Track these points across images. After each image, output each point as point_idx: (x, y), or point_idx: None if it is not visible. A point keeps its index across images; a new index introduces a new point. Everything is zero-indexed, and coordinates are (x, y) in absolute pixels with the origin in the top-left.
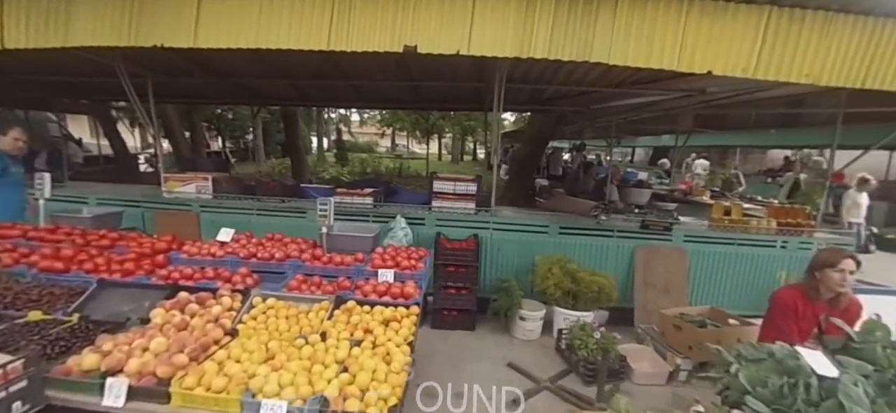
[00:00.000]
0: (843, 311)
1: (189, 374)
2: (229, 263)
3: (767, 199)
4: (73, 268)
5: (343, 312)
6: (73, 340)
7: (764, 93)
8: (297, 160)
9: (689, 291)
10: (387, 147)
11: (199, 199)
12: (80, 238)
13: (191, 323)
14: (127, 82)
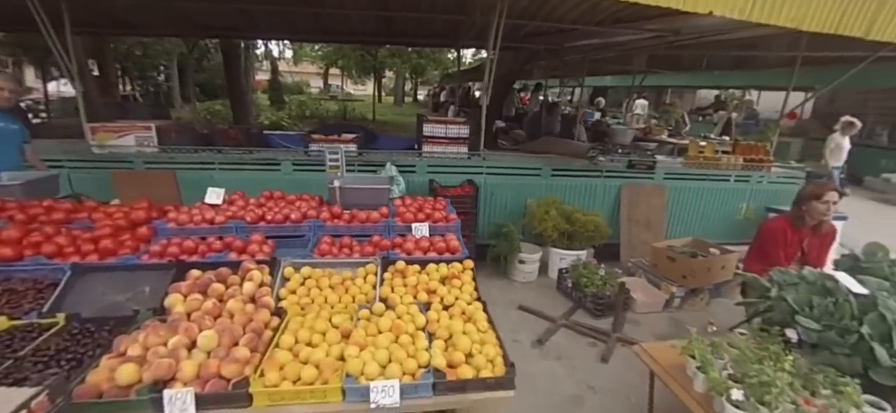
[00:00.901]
0: (824, 236)
1: (265, 368)
2: (234, 229)
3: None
4: (26, 253)
5: (394, 274)
6: (79, 350)
7: (724, 35)
8: (240, 105)
9: (667, 225)
10: (319, 87)
11: (142, 153)
12: (20, 213)
13: (226, 307)
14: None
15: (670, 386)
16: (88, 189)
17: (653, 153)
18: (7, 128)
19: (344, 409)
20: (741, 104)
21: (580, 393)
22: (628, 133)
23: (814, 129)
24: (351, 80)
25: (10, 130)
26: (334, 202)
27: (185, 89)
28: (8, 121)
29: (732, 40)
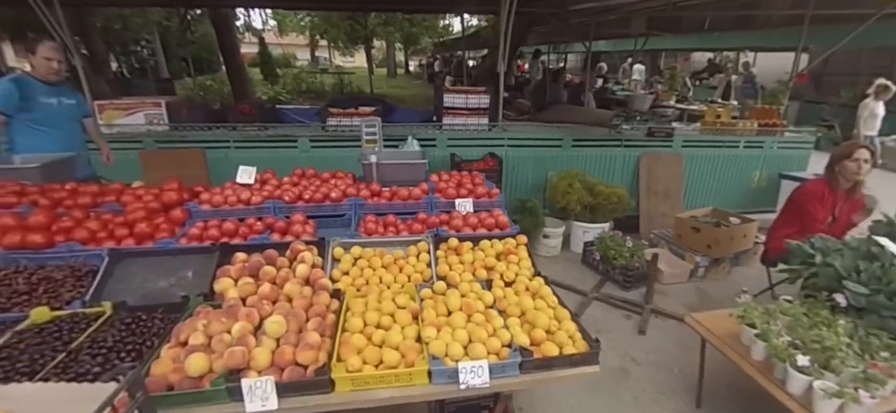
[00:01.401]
0: (855, 201)
1: (342, 353)
2: (272, 209)
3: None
4: (57, 239)
5: (447, 252)
6: (137, 340)
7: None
8: (238, 79)
9: (684, 194)
10: (306, 60)
11: (153, 131)
12: (43, 198)
13: (283, 291)
14: None
15: (728, 355)
16: (99, 169)
17: (670, 120)
18: (62, 103)
19: (428, 392)
20: (738, 67)
21: (624, 365)
22: (647, 99)
23: (809, 92)
24: (339, 51)
25: (66, 105)
26: (370, 179)
27: (170, 64)
28: (62, 95)
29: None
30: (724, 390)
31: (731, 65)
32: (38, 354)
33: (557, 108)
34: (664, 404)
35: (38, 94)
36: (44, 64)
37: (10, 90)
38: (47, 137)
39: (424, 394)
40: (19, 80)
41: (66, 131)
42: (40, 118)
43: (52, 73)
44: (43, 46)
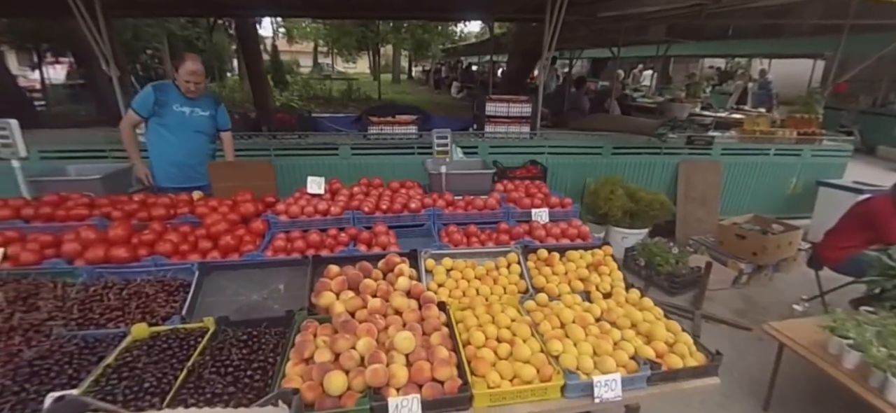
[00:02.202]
0: None
1: (475, 368)
2: (352, 220)
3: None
4: (141, 253)
5: (538, 263)
6: (259, 357)
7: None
8: (259, 86)
9: (721, 202)
10: (308, 66)
11: None
12: (115, 210)
13: (392, 305)
14: None
15: (816, 363)
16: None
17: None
18: (194, 113)
19: (561, 406)
20: (749, 73)
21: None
22: (685, 109)
23: (828, 99)
24: (341, 57)
25: (198, 116)
26: (439, 189)
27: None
28: (198, 106)
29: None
30: (788, 394)
31: (742, 71)
32: (160, 374)
33: (601, 117)
34: (731, 407)
35: (172, 102)
36: (183, 84)
37: (148, 94)
38: (170, 144)
39: (558, 408)
40: (160, 86)
41: (189, 141)
42: (169, 124)
43: (190, 90)
44: (185, 64)
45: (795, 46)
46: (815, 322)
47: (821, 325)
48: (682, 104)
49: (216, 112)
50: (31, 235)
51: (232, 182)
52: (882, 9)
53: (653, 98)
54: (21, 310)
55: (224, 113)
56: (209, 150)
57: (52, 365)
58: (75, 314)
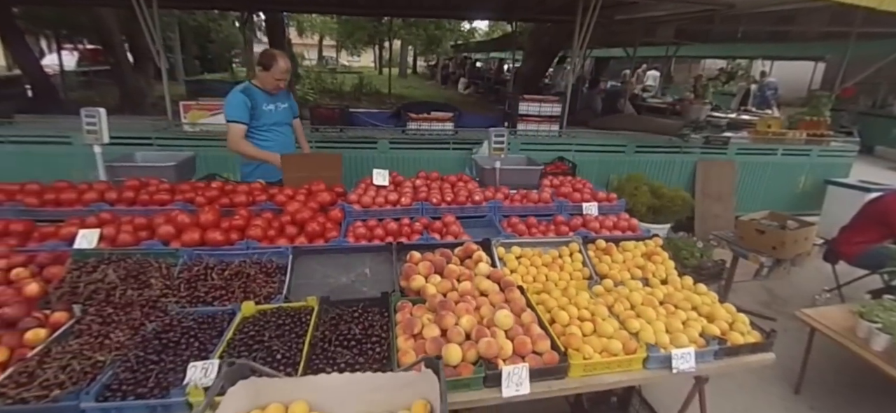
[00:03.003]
0: None
1: (568, 343)
2: (421, 210)
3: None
4: (233, 237)
5: (597, 252)
6: (376, 333)
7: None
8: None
9: (736, 199)
10: (313, 60)
11: None
12: (199, 196)
13: (480, 288)
14: None
15: (847, 346)
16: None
17: (722, 129)
18: (278, 107)
19: (643, 376)
20: (749, 75)
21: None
22: (703, 110)
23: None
24: (346, 51)
25: (282, 110)
26: (491, 183)
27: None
28: (278, 100)
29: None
30: (816, 379)
31: (742, 72)
32: (285, 346)
33: (631, 117)
34: (767, 390)
35: (260, 102)
36: (273, 83)
37: (242, 100)
38: (269, 143)
39: (638, 378)
40: (245, 89)
41: (283, 135)
42: (263, 124)
43: (279, 87)
44: (278, 63)
45: (800, 50)
46: (843, 309)
47: (851, 311)
48: (700, 106)
49: (289, 102)
50: (125, 218)
51: (302, 172)
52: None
53: (661, 98)
54: (133, 287)
55: (294, 101)
56: (293, 140)
57: (178, 338)
58: (183, 292)
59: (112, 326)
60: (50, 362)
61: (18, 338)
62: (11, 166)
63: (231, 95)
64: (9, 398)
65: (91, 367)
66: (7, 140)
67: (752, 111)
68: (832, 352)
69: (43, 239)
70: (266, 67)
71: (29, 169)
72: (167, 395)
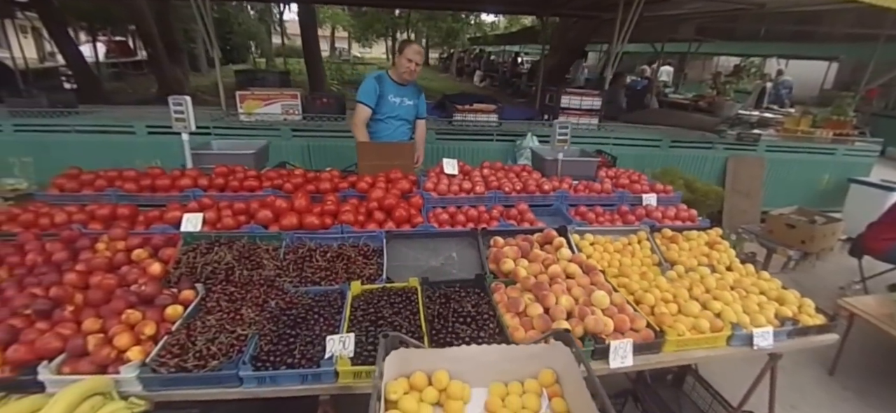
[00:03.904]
0: None
1: (661, 321)
2: (493, 199)
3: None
4: (327, 221)
5: (664, 241)
6: (485, 311)
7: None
8: (315, 71)
9: (763, 195)
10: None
11: (289, 121)
12: (287, 183)
13: (568, 271)
14: None
15: (887, 330)
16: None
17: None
18: (403, 102)
19: (725, 353)
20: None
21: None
22: (734, 107)
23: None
24: (358, 43)
25: (406, 106)
26: (552, 173)
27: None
28: (406, 95)
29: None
30: (848, 363)
31: (755, 70)
32: (404, 321)
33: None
34: (803, 372)
35: (388, 92)
36: (405, 64)
37: (373, 86)
38: (381, 133)
39: (722, 354)
40: (379, 76)
41: (397, 130)
42: (383, 114)
43: (410, 71)
44: (409, 48)
45: (817, 50)
46: (879, 298)
47: (891, 300)
48: (732, 103)
49: (418, 100)
50: (223, 203)
51: (377, 160)
52: None
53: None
54: (247, 267)
55: (424, 101)
56: (407, 137)
57: (304, 314)
58: (292, 273)
59: (238, 303)
60: (196, 336)
61: (160, 313)
62: (78, 155)
63: (365, 80)
64: (170, 368)
65: (236, 340)
66: (72, 129)
67: (775, 109)
68: (864, 338)
69: (148, 223)
70: (400, 50)
71: (94, 158)
72: (317, 365)
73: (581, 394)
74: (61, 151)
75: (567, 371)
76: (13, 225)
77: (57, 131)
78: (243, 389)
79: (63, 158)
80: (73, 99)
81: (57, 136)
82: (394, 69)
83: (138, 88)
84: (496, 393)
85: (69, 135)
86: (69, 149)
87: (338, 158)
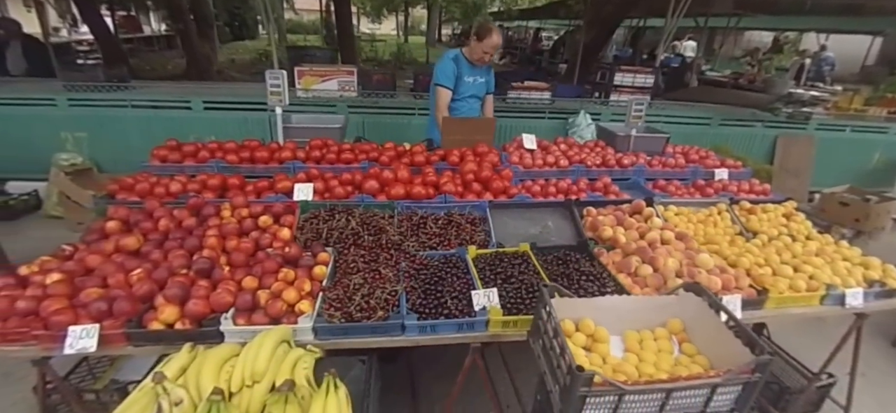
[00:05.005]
0: None
1: (761, 281)
2: (577, 172)
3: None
4: (431, 192)
5: (743, 212)
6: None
7: None
8: (348, 47)
9: (812, 174)
10: None
11: (345, 97)
12: (383, 156)
13: (663, 238)
14: None
15: None
16: None
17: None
18: (476, 81)
19: (818, 311)
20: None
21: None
22: (787, 84)
23: (882, 75)
24: (367, 17)
25: (478, 83)
26: (623, 148)
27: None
28: (478, 74)
29: None
30: None
31: (789, 44)
32: (530, 280)
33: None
34: (867, 342)
35: (464, 73)
36: (480, 54)
37: (450, 67)
38: (456, 112)
39: (815, 312)
40: (455, 57)
41: (469, 108)
42: (459, 94)
43: (484, 60)
44: (491, 37)
45: (860, 24)
46: None
47: None
48: (783, 81)
49: (489, 76)
50: (328, 174)
51: (459, 135)
52: None
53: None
54: (371, 233)
55: (493, 76)
56: (477, 114)
57: (437, 273)
58: (410, 238)
59: (373, 265)
60: (351, 292)
61: (308, 272)
62: (133, 130)
63: (443, 62)
64: (341, 317)
65: (390, 296)
66: (129, 104)
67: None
68: None
69: (257, 193)
70: (480, 38)
71: (148, 133)
72: (472, 315)
73: (713, 336)
74: (115, 126)
75: (696, 319)
76: (130, 194)
77: (112, 106)
78: (405, 337)
79: (117, 133)
80: (126, 74)
81: (112, 111)
82: (468, 49)
83: (156, 65)
84: (632, 338)
85: (125, 110)
86: (124, 123)
87: (393, 134)
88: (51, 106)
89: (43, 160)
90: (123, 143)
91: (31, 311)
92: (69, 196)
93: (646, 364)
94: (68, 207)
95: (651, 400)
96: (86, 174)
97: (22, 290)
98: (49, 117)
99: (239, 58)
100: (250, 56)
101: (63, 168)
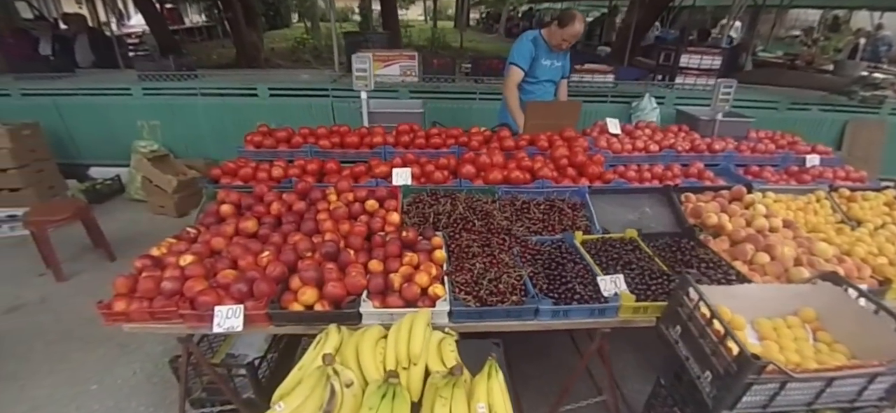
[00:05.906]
0: None
1: (885, 271)
2: (666, 158)
3: None
4: (527, 177)
5: (842, 199)
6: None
7: None
8: (395, 36)
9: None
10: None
11: (406, 82)
12: (472, 141)
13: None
14: None
15: None
16: None
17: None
18: (553, 64)
19: None
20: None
21: None
22: (859, 66)
23: None
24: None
25: (555, 67)
26: (707, 133)
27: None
28: (555, 58)
29: None
30: None
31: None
32: (644, 265)
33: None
34: None
35: (541, 56)
36: (559, 40)
37: (528, 48)
38: (531, 95)
39: None
40: (534, 39)
41: (543, 90)
42: (535, 77)
43: (561, 47)
44: (574, 25)
45: None
46: None
47: None
48: (856, 63)
49: (565, 60)
50: (423, 159)
51: (542, 119)
52: None
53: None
54: (479, 217)
55: (570, 62)
56: (550, 97)
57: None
58: (515, 223)
59: (487, 249)
60: (477, 277)
61: (429, 256)
62: (203, 118)
63: (521, 41)
64: (475, 303)
65: (517, 280)
66: (199, 92)
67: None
68: None
69: (354, 177)
70: (561, 24)
71: (217, 121)
72: (605, 301)
73: (855, 326)
74: (186, 114)
75: (833, 308)
76: (233, 178)
77: (183, 94)
78: (538, 322)
79: (188, 121)
80: (194, 64)
81: (182, 99)
82: (548, 32)
83: (201, 56)
84: (766, 325)
85: (194, 98)
86: (194, 111)
87: (456, 118)
88: (127, 95)
89: (121, 147)
90: (195, 130)
91: (176, 291)
92: (151, 180)
93: (788, 351)
94: (150, 191)
95: (810, 388)
96: (163, 160)
97: (160, 272)
98: (126, 106)
99: (277, 46)
100: (288, 44)
101: (143, 154)
